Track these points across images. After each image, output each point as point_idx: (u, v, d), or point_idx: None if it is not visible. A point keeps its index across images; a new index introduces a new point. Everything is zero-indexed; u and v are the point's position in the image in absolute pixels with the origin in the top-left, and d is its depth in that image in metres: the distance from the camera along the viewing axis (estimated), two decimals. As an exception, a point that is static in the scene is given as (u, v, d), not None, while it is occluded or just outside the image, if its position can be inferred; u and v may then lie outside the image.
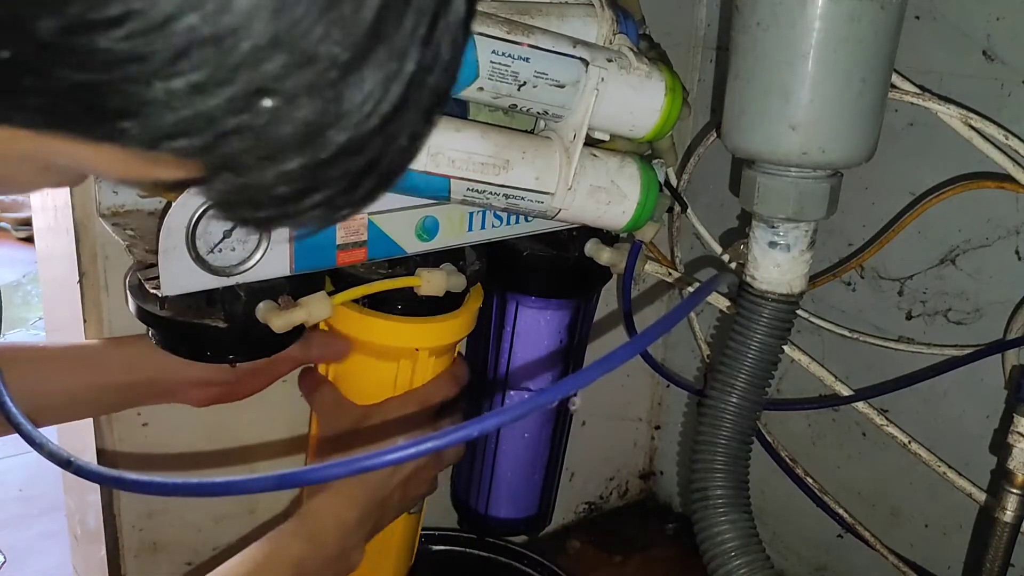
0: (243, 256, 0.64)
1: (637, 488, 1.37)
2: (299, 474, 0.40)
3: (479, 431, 0.40)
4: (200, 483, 0.41)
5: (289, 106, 0.28)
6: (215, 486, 0.41)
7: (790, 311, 0.81)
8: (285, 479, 0.40)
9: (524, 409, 0.40)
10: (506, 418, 0.40)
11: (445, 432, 0.40)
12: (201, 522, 0.94)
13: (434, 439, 0.40)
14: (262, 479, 0.40)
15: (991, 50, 0.84)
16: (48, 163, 0.32)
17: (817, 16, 0.69)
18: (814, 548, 1.13)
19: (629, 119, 0.69)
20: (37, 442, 0.47)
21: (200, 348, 0.69)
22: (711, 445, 0.82)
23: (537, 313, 0.88)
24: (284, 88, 0.27)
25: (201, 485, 0.42)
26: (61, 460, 0.45)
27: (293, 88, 0.27)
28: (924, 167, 0.91)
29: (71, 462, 0.44)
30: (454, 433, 0.40)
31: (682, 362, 1.26)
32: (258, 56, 0.26)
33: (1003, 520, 0.83)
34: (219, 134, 0.28)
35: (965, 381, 0.92)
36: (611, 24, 0.69)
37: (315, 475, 0.40)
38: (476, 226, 0.74)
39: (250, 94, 0.27)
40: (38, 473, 1.43)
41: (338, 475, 0.40)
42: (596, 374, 0.41)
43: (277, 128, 0.28)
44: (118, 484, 0.43)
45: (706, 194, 1.12)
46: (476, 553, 1.06)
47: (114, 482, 0.43)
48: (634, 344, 0.42)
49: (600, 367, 0.41)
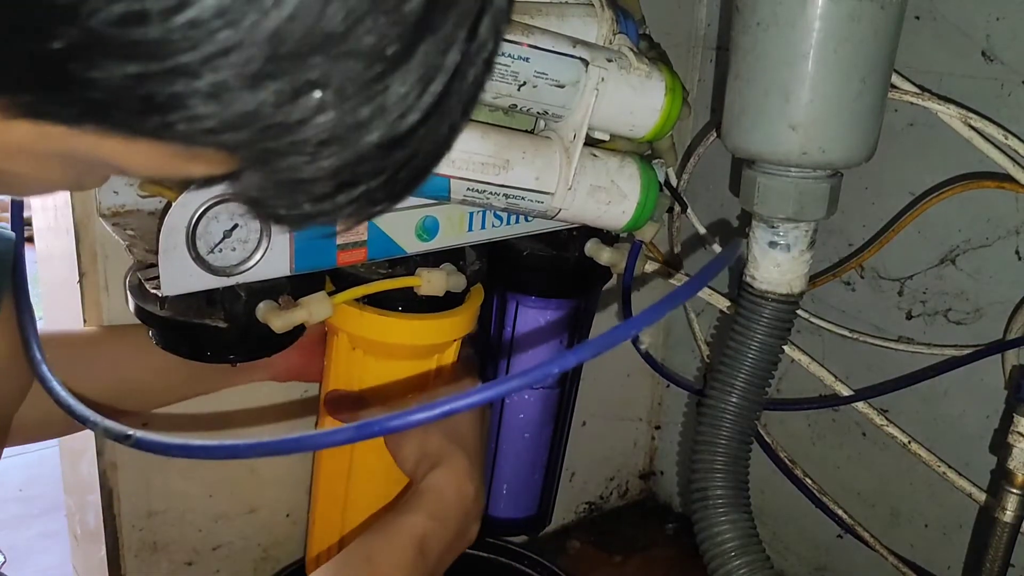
0: (243, 256, 0.64)
1: (637, 488, 1.37)
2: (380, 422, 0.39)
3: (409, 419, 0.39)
4: (272, 442, 0.40)
5: (335, 99, 0.27)
6: (286, 443, 0.40)
7: (790, 311, 0.81)
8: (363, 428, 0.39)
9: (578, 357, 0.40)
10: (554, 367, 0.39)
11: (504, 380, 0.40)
12: (201, 522, 0.94)
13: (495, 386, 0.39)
14: (342, 431, 0.39)
15: (991, 50, 0.84)
16: (75, 161, 0.31)
17: (817, 16, 0.69)
18: (814, 548, 1.13)
19: (629, 119, 0.69)
20: (91, 420, 0.46)
21: (200, 348, 0.69)
22: (711, 445, 0.82)
23: (537, 313, 0.88)
24: (331, 82, 0.27)
25: (273, 444, 0.40)
26: (119, 435, 0.44)
27: (340, 81, 0.27)
28: (924, 167, 0.91)
29: (130, 436, 0.43)
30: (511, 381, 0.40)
31: (682, 362, 1.26)
32: (309, 49, 0.26)
33: (1003, 520, 0.83)
34: (263, 128, 0.28)
35: (965, 381, 0.92)
36: (611, 24, 0.69)
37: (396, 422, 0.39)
38: (476, 226, 0.74)
39: (298, 88, 0.27)
40: (38, 473, 1.43)
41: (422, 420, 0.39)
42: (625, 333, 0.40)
43: (321, 122, 0.28)
44: (184, 452, 0.42)
45: (706, 194, 1.12)
46: (476, 553, 1.06)
47: (180, 450, 0.42)
48: (659, 307, 0.41)
49: (636, 323, 0.40)
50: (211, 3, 0.25)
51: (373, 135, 0.29)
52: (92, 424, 0.46)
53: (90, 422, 0.46)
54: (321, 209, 0.32)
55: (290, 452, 0.41)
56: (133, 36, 0.25)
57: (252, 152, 0.29)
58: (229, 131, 0.27)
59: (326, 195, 0.31)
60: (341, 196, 0.31)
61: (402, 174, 0.32)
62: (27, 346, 0.54)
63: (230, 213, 0.62)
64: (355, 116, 0.28)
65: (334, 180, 0.30)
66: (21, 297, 0.57)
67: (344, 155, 0.29)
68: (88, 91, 0.26)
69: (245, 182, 0.31)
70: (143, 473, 0.88)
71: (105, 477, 0.86)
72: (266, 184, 0.31)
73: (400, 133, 0.29)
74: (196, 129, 0.27)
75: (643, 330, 0.81)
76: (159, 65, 0.25)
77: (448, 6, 0.28)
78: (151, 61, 0.25)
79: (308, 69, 0.27)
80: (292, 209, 0.32)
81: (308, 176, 0.30)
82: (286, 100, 0.27)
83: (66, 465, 0.99)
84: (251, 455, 0.41)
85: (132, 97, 0.26)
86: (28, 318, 0.56)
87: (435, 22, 0.28)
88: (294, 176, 0.30)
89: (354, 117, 0.28)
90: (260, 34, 0.25)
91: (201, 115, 0.27)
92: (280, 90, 0.27)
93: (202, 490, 0.93)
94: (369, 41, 0.27)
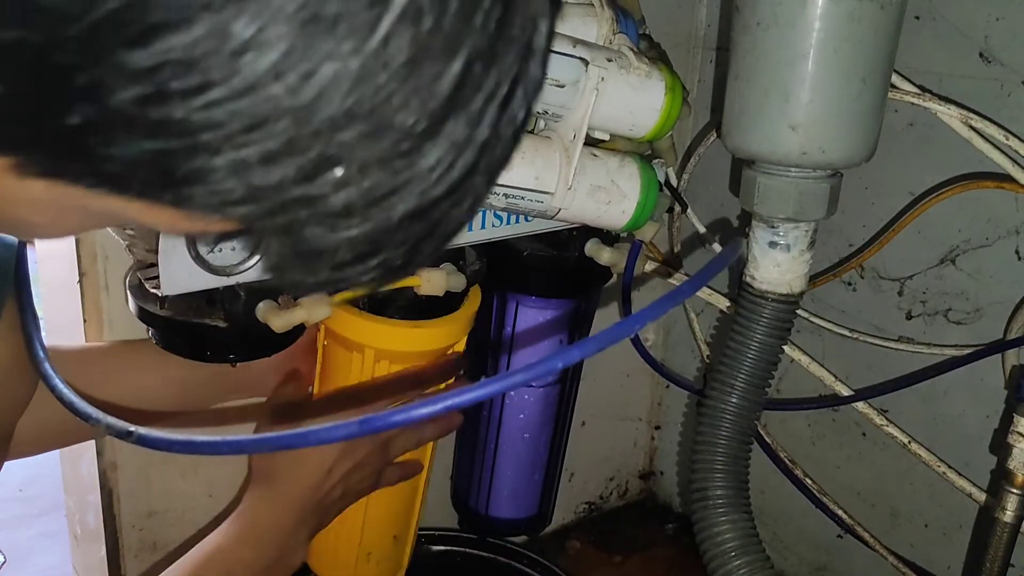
0: (243, 256, 0.64)
1: (637, 488, 1.37)
2: (383, 417, 0.38)
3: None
4: (276, 436, 0.40)
5: (359, 175, 0.27)
6: (290, 438, 0.40)
7: (790, 311, 0.81)
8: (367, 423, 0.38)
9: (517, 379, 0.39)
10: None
11: (506, 375, 0.38)
12: (201, 522, 0.94)
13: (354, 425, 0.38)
14: (345, 426, 0.38)
15: (991, 50, 0.84)
16: (94, 215, 0.31)
17: (817, 16, 0.69)
18: (814, 548, 1.13)
19: (629, 119, 0.69)
20: (93, 417, 0.46)
21: (200, 348, 0.69)
22: (711, 445, 0.82)
23: (537, 313, 0.88)
24: (355, 157, 0.26)
25: (277, 438, 0.40)
26: (121, 432, 0.44)
27: (364, 158, 0.26)
28: (924, 167, 0.91)
29: (132, 432, 0.43)
30: (514, 376, 0.38)
31: (682, 362, 1.26)
32: (334, 126, 0.25)
33: (1003, 520, 0.83)
34: (284, 202, 0.27)
35: (965, 381, 0.92)
36: (611, 24, 0.69)
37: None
38: (476, 226, 0.74)
39: (320, 164, 0.26)
40: (38, 473, 1.43)
41: (425, 415, 0.37)
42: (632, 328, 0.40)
43: (343, 197, 0.27)
44: (188, 448, 0.42)
45: (706, 194, 1.12)
46: (476, 553, 1.06)
47: (183, 446, 0.42)
48: (661, 304, 0.41)
49: (638, 319, 0.40)
50: (236, 83, 0.24)
51: (398, 209, 0.28)
52: (95, 420, 0.46)
53: (92, 419, 0.47)
54: (340, 277, 0.31)
55: (293, 447, 0.41)
56: (153, 116, 0.24)
57: (272, 223, 0.28)
58: (249, 203, 0.27)
59: (346, 263, 0.30)
60: (361, 265, 0.31)
61: (424, 245, 0.31)
62: (30, 345, 0.54)
63: (230, 213, 0.62)
64: (379, 191, 0.27)
65: (355, 251, 0.30)
66: (24, 298, 0.57)
67: (366, 227, 0.29)
68: (105, 164, 0.26)
69: (265, 248, 0.31)
70: (143, 473, 0.88)
71: (105, 477, 0.86)
72: (286, 252, 0.30)
73: (423, 207, 0.29)
74: (215, 202, 0.27)
75: (647, 326, 0.80)
76: (179, 143, 0.25)
77: (480, 81, 0.27)
78: (171, 139, 0.25)
79: (332, 146, 0.26)
80: (311, 276, 0.32)
81: (328, 246, 0.29)
82: (307, 176, 0.26)
83: (66, 465, 0.99)
84: (255, 450, 0.41)
85: (151, 171, 0.26)
86: (31, 318, 0.56)
87: (466, 98, 0.27)
88: (314, 247, 0.29)
89: (378, 192, 0.28)
90: (285, 113, 0.25)
91: (221, 190, 0.26)
92: (302, 166, 0.26)
93: (202, 490, 0.93)
94: (397, 119, 0.26)
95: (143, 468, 0.88)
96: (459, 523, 1.03)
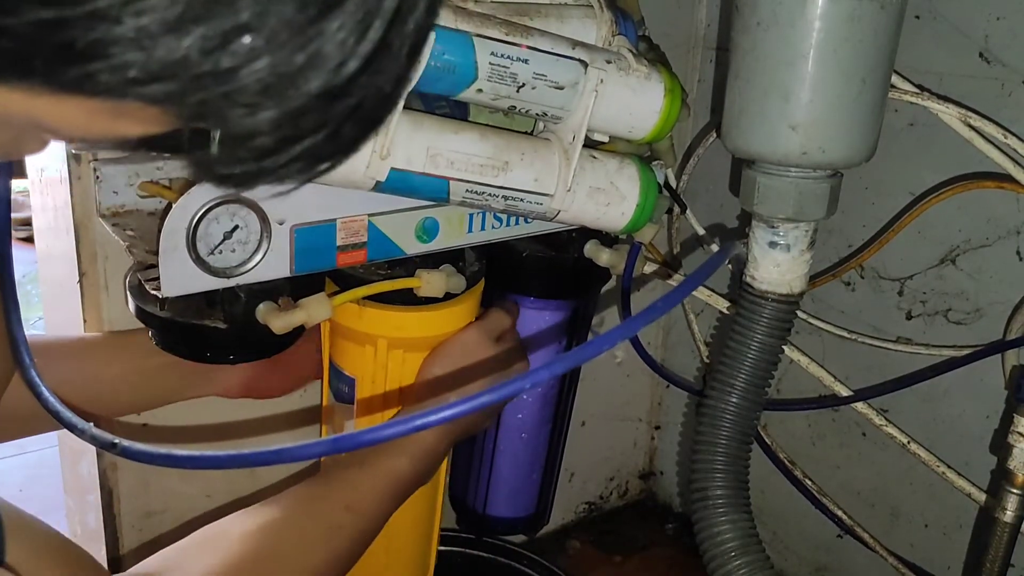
0: (243, 257, 0.64)
1: (637, 488, 1.37)
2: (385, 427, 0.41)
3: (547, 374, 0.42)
4: (252, 454, 0.41)
5: (267, 46, 0.26)
6: (265, 455, 0.41)
7: (790, 311, 0.81)
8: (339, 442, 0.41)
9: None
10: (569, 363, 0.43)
11: (513, 380, 0.43)
12: (201, 522, 0.93)
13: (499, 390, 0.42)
14: (318, 444, 0.41)
15: (991, 50, 0.84)
16: (8, 124, 0.30)
17: (817, 16, 0.69)
18: (814, 548, 1.13)
19: (628, 120, 0.69)
20: (78, 428, 0.47)
21: (200, 349, 0.69)
22: (711, 445, 0.82)
23: (537, 314, 0.88)
24: (262, 25, 0.26)
25: (253, 456, 0.41)
26: (105, 443, 0.44)
27: (271, 26, 0.26)
28: (924, 167, 0.91)
29: (115, 444, 0.43)
30: (517, 382, 0.43)
31: (682, 362, 1.26)
32: None
33: (1003, 520, 0.83)
34: (192, 78, 0.26)
35: (965, 381, 0.92)
36: (610, 25, 0.69)
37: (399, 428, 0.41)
38: (476, 227, 0.74)
39: (226, 32, 0.26)
40: (38, 473, 1.43)
41: (428, 424, 0.42)
42: (637, 326, 0.42)
43: (254, 71, 0.27)
44: (168, 462, 0.42)
45: (706, 194, 1.12)
46: (475, 553, 1.06)
47: (164, 460, 0.43)
48: (664, 302, 0.42)
49: (641, 319, 0.41)
50: None
51: (312, 84, 0.28)
52: (79, 432, 0.47)
53: (77, 429, 0.47)
54: (265, 166, 0.31)
55: (269, 463, 0.42)
56: None
57: (185, 106, 0.28)
58: (156, 81, 0.26)
59: (268, 150, 0.30)
60: (284, 153, 0.30)
61: (346, 128, 0.31)
62: (16, 351, 0.54)
63: (231, 215, 0.62)
64: (290, 64, 0.27)
65: (275, 135, 0.29)
66: (10, 301, 0.56)
67: (283, 107, 0.28)
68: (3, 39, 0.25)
69: (187, 142, 0.30)
70: (143, 473, 0.88)
71: (105, 477, 0.87)
72: (206, 142, 0.30)
73: (340, 82, 0.28)
74: (120, 80, 0.26)
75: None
76: (75, 10, 0.24)
77: None
78: (66, 6, 0.24)
79: (236, 12, 0.25)
80: (236, 167, 0.31)
81: (247, 131, 0.29)
82: (214, 46, 0.26)
83: (66, 465, 0.99)
84: (232, 466, 0.42)
85: (50, 45, 0.25)
86: (16, 324, 0.55)
87: None
88: (233, 131, 0.29)
89: (289, 65, 0.27)
90: None
91: (124, 64, 0.26)
92: (207, 35, 0.26)
93: (201, 491, 0.93)
94: None
95: (143, 468, 0.88)
96: (457, 522, 1.03)
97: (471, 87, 0.62)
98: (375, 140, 0.60)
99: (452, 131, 0.64)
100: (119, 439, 0.43)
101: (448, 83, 0.61)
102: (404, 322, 0.74)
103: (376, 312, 0.73)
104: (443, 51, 0.59)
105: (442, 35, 0.59)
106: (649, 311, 0.40)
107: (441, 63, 0.59)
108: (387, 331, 0.74)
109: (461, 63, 0.60)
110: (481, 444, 0.94)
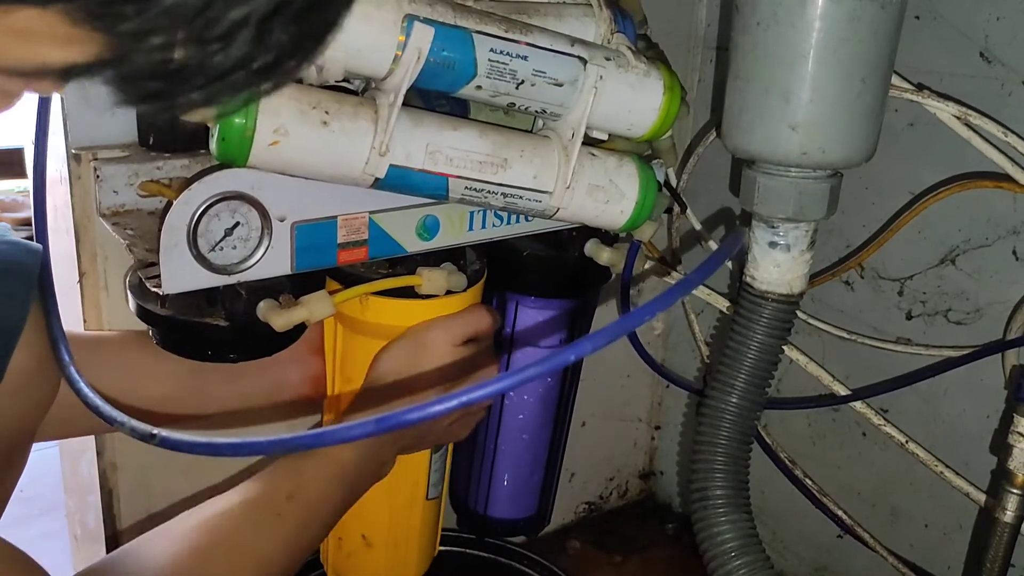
0: (244, 254, 0.64)
1: (637, 488, 1.37)
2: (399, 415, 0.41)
3: (519, 380, 0.41)
4: (292, 438, 0.41)
5: None
6: (308, 439, 0.41)
7: (790, 311, 0.81)
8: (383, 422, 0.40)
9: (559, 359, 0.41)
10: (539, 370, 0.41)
11: (486, 383, 0.41)
12: (201, 522, 0.94)
13: (473, 391, 0.40)
14: (362, 424, 0.41)
15: (991, 50, 0.84)
16: None
17: (817, 16, 0.69)
18: (814, 548, 1.13)
19: (627, 118, 0.69)
20: (117, 420, 0.47)
21: (201, 347, 0.69)
22: (711, 445, 0.82)
23: (537, 313, 0.88)
24: None
25: (293, 440, 0.41)
26: (144, 435, 0.44)
27: None
28: (924, 167, 0.91)
29: (154, 435, 0.44)
30: (491, 385, 0.41)
31: (682, 362, 1.26)
32: None
33: (1003, 520, 0.83)
34: None
35: (965, 381, 0.92)
36: (609, 23, 0.69)
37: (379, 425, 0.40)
38: (476, 225, 0.74)
39: None
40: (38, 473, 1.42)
41: (440, 412, 0.40)
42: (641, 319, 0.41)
43: None
44: (209, 450, 0.42)
45: (706, 194, 1.12)
46: (476, 553, 1.06)
47: (205, 448, 0.43)
48: (666, 296, 0.42)
49: (645, 311, 0.41)
50: None
51: None
52: (120, 424, 0.47)
53: (117, 422, 0.47)
54: (192, 84, 0.29)
55: (310, 447, 0.42)
56: None
57: (82, 10, 0.26)
58: None
59: (221, 37, 0.28)
60: (211, 60, 0.28)
61: (274, 30, 0.29)
62: (55, 348, 0.55)
63: (231, 211, 0.62)
64: None
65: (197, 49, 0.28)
66: (50, 303, 0.58)
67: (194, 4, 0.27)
68: None
69: (120, 68, 0.29)
70: (143, 473, 0.88)
71: (105, 477, 0.86)
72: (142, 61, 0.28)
73: None
74: None
75: None
76: None
77: None
78: None
79: None
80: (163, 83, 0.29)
81: (151, 28, 0.27)
82: None
83: (66, 465, 0.99)
84: (272, 451, 0.42)
85: None
86: (55, 322, 0.56)
87: None
88: (141, 33, 0.27)
89: None
90: None
91: None
92: None
93: (201, 490, 0.93)
94: None
95: (143, 469, 0.88)
96: (457, 523, 1.03)
97: (470, 84, 0.62)
98: (374, 136, 0.60)
99: (451, 128, 0.65)
100: (158, 430, 0.44)
101: (447, 80, 0.61)
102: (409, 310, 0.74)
103: None
104: (442, 47, 0.59)
105: (441, 32, 0.59)
106: (650, 305, 0.40)
107: (440, 59, 0.60)
108: None
109: (460, 60, 0.60)
110: (482, 445, 0.94)
